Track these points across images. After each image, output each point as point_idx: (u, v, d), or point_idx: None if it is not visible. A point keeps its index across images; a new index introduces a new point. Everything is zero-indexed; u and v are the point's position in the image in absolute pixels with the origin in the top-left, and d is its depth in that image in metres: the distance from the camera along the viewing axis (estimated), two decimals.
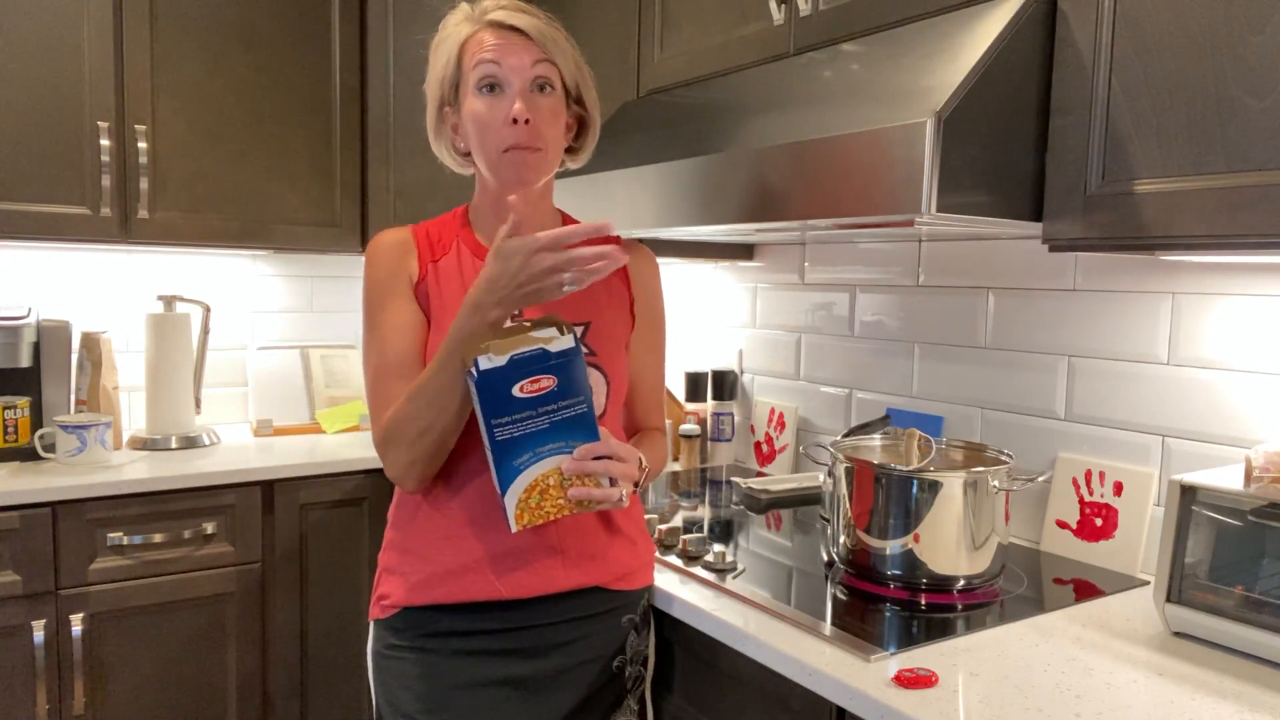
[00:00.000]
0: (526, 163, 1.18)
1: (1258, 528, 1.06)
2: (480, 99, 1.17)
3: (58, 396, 2.09)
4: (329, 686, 2.19)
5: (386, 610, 1.22)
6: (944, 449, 1.50)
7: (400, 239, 1.24)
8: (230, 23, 2.22)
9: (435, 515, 1.20)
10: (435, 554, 1.19)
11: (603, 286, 1.29)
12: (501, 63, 1.16)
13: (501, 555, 1.18)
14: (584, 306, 1.26)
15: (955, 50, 1.18)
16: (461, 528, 1.18)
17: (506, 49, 1.16)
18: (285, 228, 2.33)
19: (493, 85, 1.17)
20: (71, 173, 2.05)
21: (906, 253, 1.82)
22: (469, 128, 1.19)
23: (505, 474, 1.06)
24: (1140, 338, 1.44)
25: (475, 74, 1.17)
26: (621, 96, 2.02)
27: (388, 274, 1.22)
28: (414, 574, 1.20)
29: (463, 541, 1.18)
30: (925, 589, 1.30)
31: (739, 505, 1.79)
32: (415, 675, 1.18)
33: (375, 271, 1.22)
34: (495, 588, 1.18)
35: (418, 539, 1.21)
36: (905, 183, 1.11)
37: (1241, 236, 1.00)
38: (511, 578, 1.18)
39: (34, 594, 1.83)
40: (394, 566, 1.22)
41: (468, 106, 1.19)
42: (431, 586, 1.18)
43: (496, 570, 1.18)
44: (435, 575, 1.18)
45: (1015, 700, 0.97)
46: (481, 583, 1.18)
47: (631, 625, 1.27)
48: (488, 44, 1.17)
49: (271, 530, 2.09)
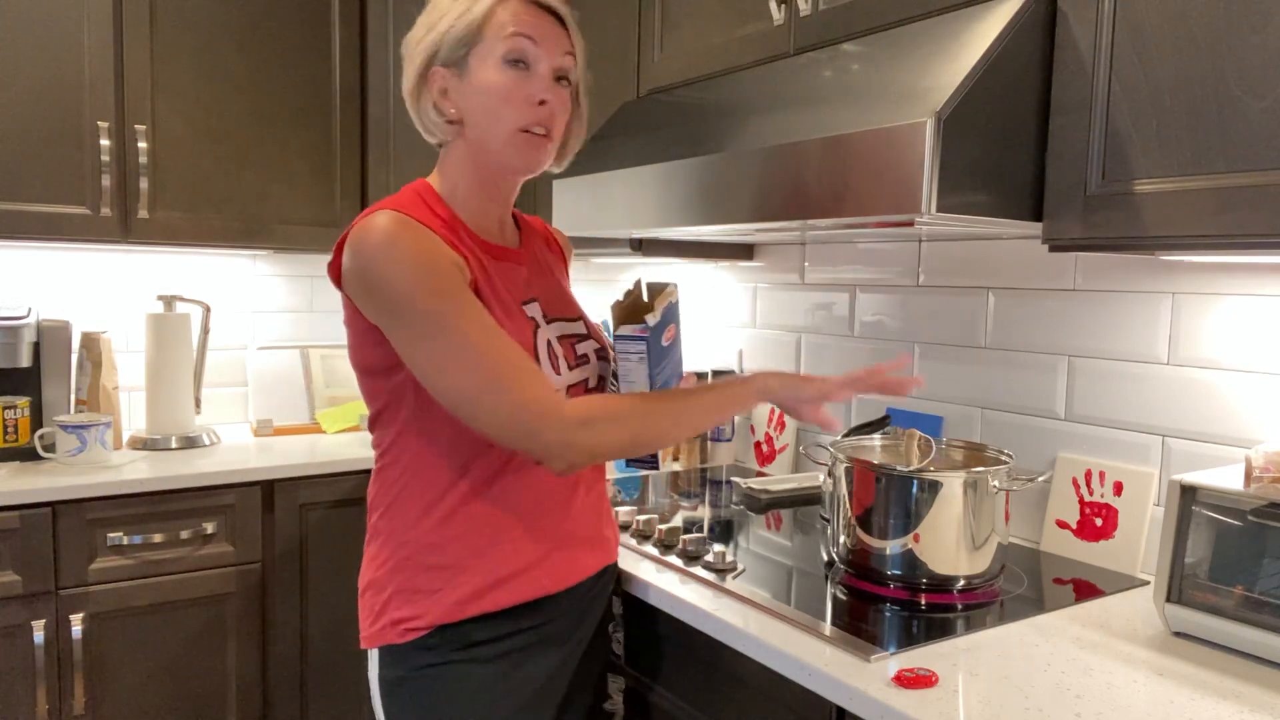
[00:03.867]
0: (540, 146, 1.15)
1: (1258, 528, 1.06)
2: (505, 72, 1.11)
3: (58, 396, 2.10)
4: (329, 686, 2.19)
5: (411, 633, 1.13)
6: (944, 449, 1.50)
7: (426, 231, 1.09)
8: (230, 23, 2.22)
9: (476, 524, 1.14)
10: (480, 565, 1.13)
11: (567, 279, 1.36)
12: (539, 42, 1.13)
13: (549, 552, 1.18)
14: (572, 302, 1.31)
15: (955, 50, 1.18)
16: (510, 531, 1.15)
17: (544, 29, 1.13)
18: (285, 228, 2.33)
19: (520, 61, 1.12)
20: (71, 173, 2.05)
21: (906, 253, 1.82)
22: (478, 99, 1.12)
23: None
24: (1140, 338, 1.44)
25: (505, 45, 1.11)
26: (621, 96, 2.02)
27: (450, 264, 1.08)
28: (455, 589, 1.13)
29: (515, 545, 1.15)
30: (925, 589, 1.30)
31: (739, 505, 1.79)
32: (446, 692, 1.13)
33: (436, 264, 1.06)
34: (543, 584, 1.17)
35: (456, 550, 1.13)
36: (905, 183, 1.11)
37: (1241, 236, 1.00)
38: (555, 572, 1.19)
39: (34, 594, 1.83)
40: (418, 585, 1.13)
41: (484, 76, 1.12)
42: (480, 597, 1.13)
43: (543, 568, 1.17)
44: (484, 585, 1.13)
45: (1015, 700, 0.97)
46: (530, 583, 1.16)
47: (614, 590, 1.36)
48: (525, 19, 1.12)
49: (271, 530, 2.09)
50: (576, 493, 1.22)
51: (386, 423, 1.17)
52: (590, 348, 1.27)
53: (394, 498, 1.16)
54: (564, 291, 1.32)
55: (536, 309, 1.21)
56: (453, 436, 1.13)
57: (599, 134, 1.86)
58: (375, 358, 1.13)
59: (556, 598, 1.20)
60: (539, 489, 1.17)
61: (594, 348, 1.28)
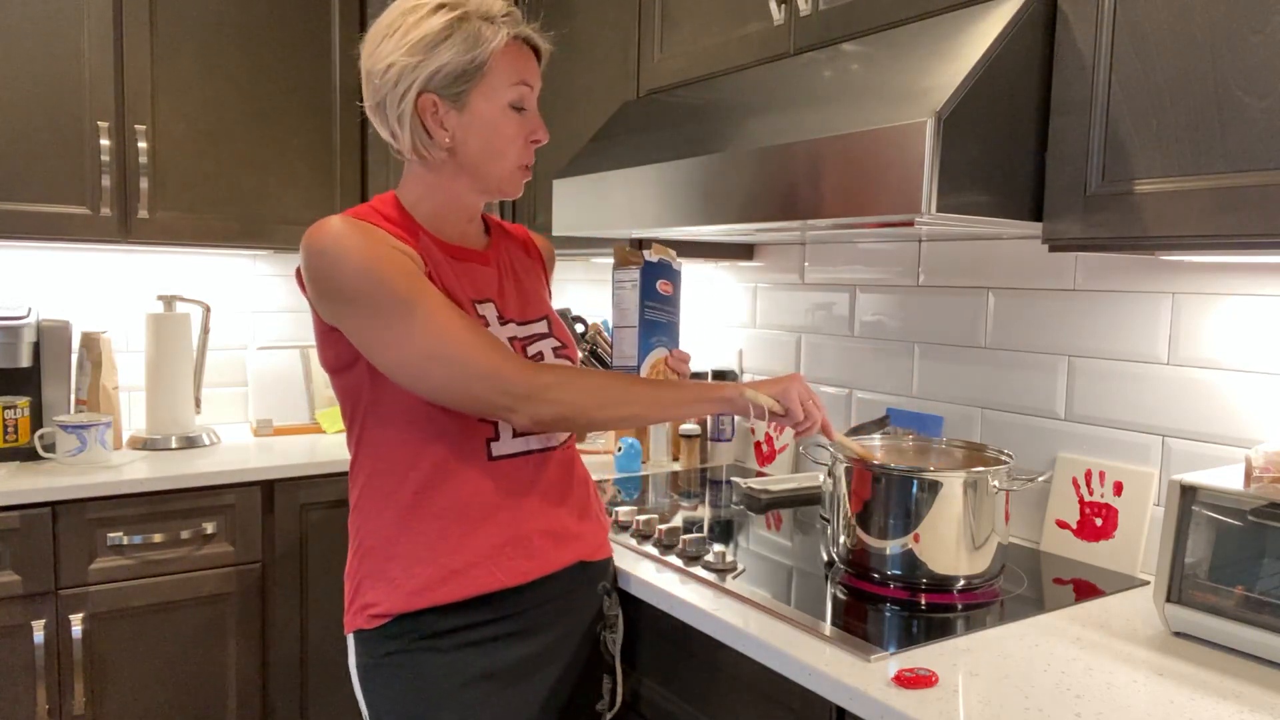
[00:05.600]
0: (528, 175, 1.27)
1: (1258, 528, 1.06)
2: (509, 115, 1.20)
3: (58, 396, 2.10)
4: (329, 686, 2.19)
5: (375, 620, 1.18)
6: (944, 449, 1.50)
7: (374, 229, 1.15)
8: (230, 23, 2.22)
9: (427, 517, 1.18)
10: (432, 556, 1.17)
11: (541, 284, 1.38)
12: (534, 88, 1.23)
13: (501, 546, 1.19)
14: (539, 304, 1.33)
15: (955, 50, 1.18)
16: (458, 525, 1.18)
17: (534, 71, 1.24)
18: (285, 228, 2.33)
19: (522, 107, 1.21)
20: (71, 173, 2.05)
21: (906, 253, 1.82)
22: (481, 136, 1.19)
23: (644, 349, 1.38)
24: (1140, 338, 1.44)
25: (511, 93, 1.19)
26: (621, 96, 2.02)
27: (400, 253, 1.13)
28: (409, 579, 1.17)
29: (462, 539, 1.18)
30: (925, 589, 1.30)
31: (739, 505, 1.79)
32: (414, 679, 1.17)
33: (384, 252, 1.11)
34: (498, 578, 1.19)
35: (408, 543, 1.18)
36: (905, 183, 1.11)
37: (1242, 236, 1.00)
38: (512, 565, 1.20)
39: (34, 594, 1.83)
40: (380, 573, 1.18)
41: (489, 116, 1.19)
42: (432, 589, 1.17)
43: (498, 561, 1.19)
44: (436, 578, 1.17)
45: (1015, 700, 0.97)
46: (484, 576, 1.18)
47: (605, 591, 1.33)
48: (523, 65, 1.21)
49: (271, 530, 2.09)
50: (535, 489, 1.23)
51: (349, 420, 1.23)
52: (548, 345, 1.29)
53: (359, 492, 1.23)
54: (532, 294, 1.33)
55: (491, 310, 1.24)
56: (403, 429, 1.18)
57: (599, 134, 1.86)
58: (331, 356, 1.20)
59: (520, 591, 1.21)
60: (491, 485, 1.19)
61: (553, 345, 1.30)
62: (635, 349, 1.38)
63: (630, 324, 1.37)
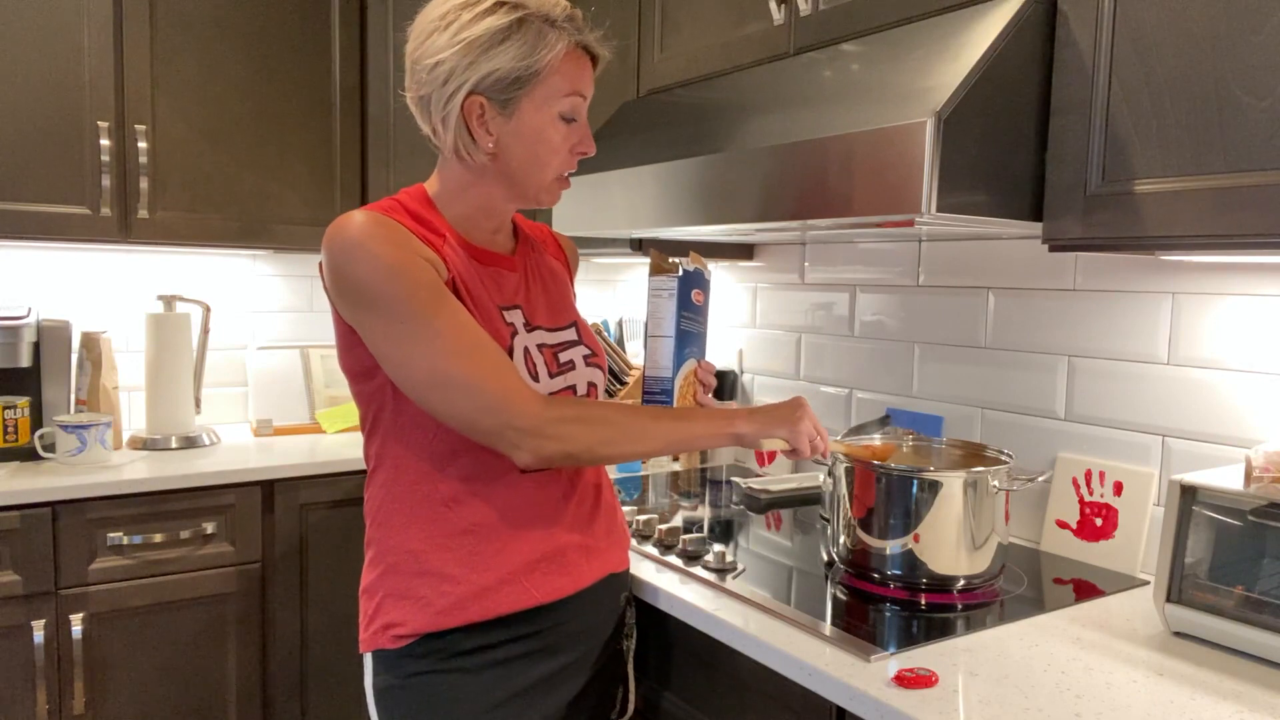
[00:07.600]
0: (566, 185, 1.22)
1: (1258, 528, 1.06)
2: (558, 125, 1.14)
3: (58, 396, 2.10)
4: (329, 686, 2.19)
5: (400, 640, 1.12)
6: (944, 449, 1.50)
7: (399, 228, 1.09)
8: (230, 23, 2.22)
9: (456, 533, 1.13)
10: (463, 574, 1.12)
11: (568, 288, 1.33)
12: (587, 98, 1.17)
13: (535, 562, 1.15)
14: (568, 310, 1.29)
15: (955, 50, 1.18)
16: (490, 541, 1.13)
17: (589, 80, 1.17)
18: (285, 228, 2.33)
19: (573, 118, 1.16)
20: (71, 173, 2.05)
21: (906, 253, 1.82)
22: (526, 144, 1.13)
23: (679, 360, 1.35)
24: (1140, 338, 1.44)
25: (565, 103, 1.13)
26: (621, 96, 2.02)
27: (423, 259, 1.08)
28: (440, 597, 1.12)
29: (495, 555, 1.13)
30: (925, 589, 1.30)
31: (739, 505, 1.79)
32: (440, 701, 1.12)
33: (408, 259, 1.06)
34: (533, 595, 1.15)
35: (437, 560, 1.12)
36: (905, 183, 1.11)
37: (1242, 236, 1.00)
38: (546, 582, 1.16)
39: (34, 594, 1.83)
40: (406, 591, 1.13)
41: (537, 124, 1.13)
42: (463, 607, 1.12)
43: (532, 578, 1.15)
44: (468, 595, 1.12)
45: (1015, 700, 0.97)
46: (519, 594, 1.14)
47: (627, 602, 1.32)
48: (579, 75, 1.14)
49: (271, 530, 2.09)
50: (569, 502, 1.20)
51: (371, 429, 1.17)
52: (579, 354, 1.24)
53: (380, 505, 1.17)
54: (559, 299, 1.28)
55: (518, 316, 1.19)
56: (430, 441, 1.13)
57: (599, 134, 1.87)
58: (353, 360, 1.14)
59: (551, 608, 1.17)
60: (524, 497, 1.15)
61: (583, 354, 1.25)
62: (670, 360, 1.34)
63: (666, 334, 1.34)
